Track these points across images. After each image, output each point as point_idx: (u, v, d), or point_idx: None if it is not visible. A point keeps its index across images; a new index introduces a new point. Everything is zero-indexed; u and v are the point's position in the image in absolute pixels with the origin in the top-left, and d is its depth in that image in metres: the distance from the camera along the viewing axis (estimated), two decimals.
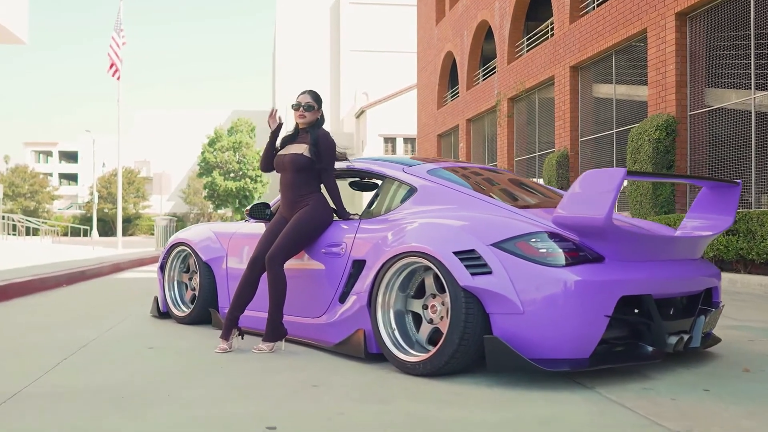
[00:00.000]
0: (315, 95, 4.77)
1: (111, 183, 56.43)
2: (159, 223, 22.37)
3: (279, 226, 4.60)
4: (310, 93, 4.76)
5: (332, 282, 4.43)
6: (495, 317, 3.55)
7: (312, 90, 4.81)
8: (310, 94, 4.74)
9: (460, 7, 25.34)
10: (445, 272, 3.65)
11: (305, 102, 4.69)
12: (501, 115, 21.24)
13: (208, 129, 59.73)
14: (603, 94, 15.91)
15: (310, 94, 4.76)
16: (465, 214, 3.98)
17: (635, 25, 13.70)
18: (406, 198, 4.42)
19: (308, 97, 4.73)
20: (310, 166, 4.59)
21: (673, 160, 12.35)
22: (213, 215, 57.70)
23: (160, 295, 6.01)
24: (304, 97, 4.74)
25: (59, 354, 4.31)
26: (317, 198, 4.60)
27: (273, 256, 4.41)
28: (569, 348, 3.47)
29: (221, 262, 5.40)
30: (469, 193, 4.22)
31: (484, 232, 3.70)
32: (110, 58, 19.07)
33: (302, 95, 4.75)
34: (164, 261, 5.99)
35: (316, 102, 4.73)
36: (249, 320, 4.85)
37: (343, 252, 4.39)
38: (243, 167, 52.30)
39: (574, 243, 3.61)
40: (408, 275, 3.99)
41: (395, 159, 4.84)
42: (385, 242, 4.07)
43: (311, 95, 4.74)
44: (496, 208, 4.05)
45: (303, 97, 4.74)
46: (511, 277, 3.52)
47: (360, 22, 63.18)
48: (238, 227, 5.46)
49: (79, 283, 10.05)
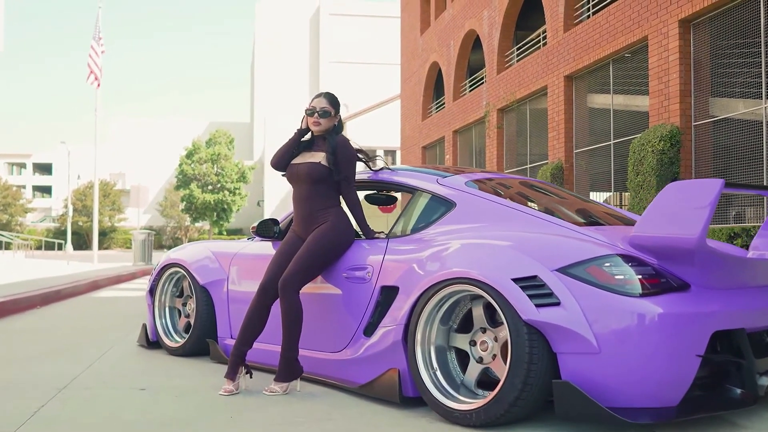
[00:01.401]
0: (332, 98, 4.15)
1: (86, 195, 55.27)
2: (137, 237, 21.58)
3: (293, 247, 3.99)
4: (327, 96, 4.15)
5: (355, 311, 3.82)
6: (564, 357, 2.97)
7: (329, 93, 4.19)
8: (326, 98, 4.13)
9: (447, 17, 24.90)
10: (502, 303, 3.07)
11: (320, 107, 4.08)
12: (490, 127, 20.75)
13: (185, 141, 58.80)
14: (599, 104, 15.47)
15: (327, 97, 4.14)
16: (518, 233, 3.40)
17: (635, 33, 13.26)
18: (443, 214, 3.82)
19: (324, 101, 4.11)
20: (329, 176, 3.99)
21: (677, 172, 11.89)
22: (190, 228, 56.67)
23: (149, 323, 5.36)
24: (319, 101, 4.12)
25: (34, 400, 3.65)
26: (337, 213, 4.00)
27: (287, 282, 3.80)
28: (654, 395, 2.89)
29: (221, 286, 4.76)
30: (518, 208, 3.64)
31: (547, 254, 3.13)
32: (89, 67, 18.34)
33: (317, 99, 4.13)
34: (154, 284, 5.34)
35: (332, 107, 4.12)
36: (257, 354, 4.22)
37: (369, 277, 3.79)
38: (221, 179, 51.39)
39: (654, 268, 3.04)
40: (451, 305, 3.40)
41: (424, 169, 4.24)
42: (423, 266, 3.48)
43: (327, 98, 4.13)
44: (553, 225, 3.47)
45: (318, 101, 4.12)
46: (583, 309, 2.95)
47: (340, 33, 62.71)
48: (241, 246, 4.82)
49: (54, 304, 9.33)
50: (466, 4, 22.94)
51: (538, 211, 3.66)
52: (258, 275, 4.41)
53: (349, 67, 62.43)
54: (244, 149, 65.15)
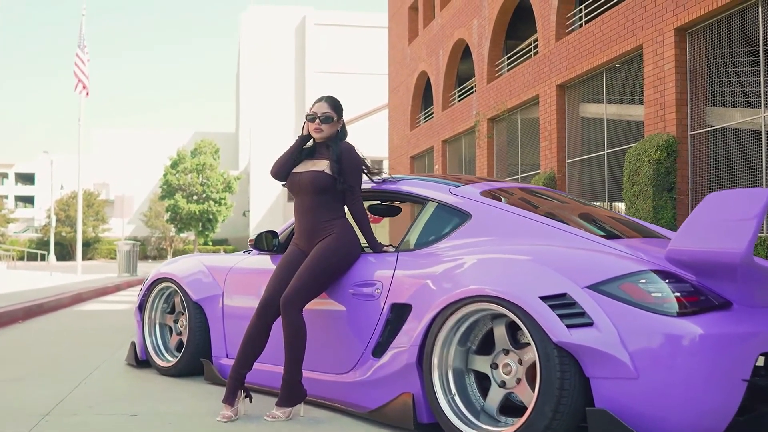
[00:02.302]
0: (334, 103, 3.88)
1: (69, 206, 54.60)
2: (122, 248, 21.22)
3: (295, 261, 3.72)
4: (328, 100, 3.87)
5: (363, 330, 3.56)
6: (599, 382, 2.72)
7: (330, 96, 3.92)
8: (328, 102, 3.85)
9: (435, 26, 24.75)
10: (530, 324, 2.82)
11: (322, 112, 3.80)
12: (480, 136, 20.57)
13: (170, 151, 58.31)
14: (592, 113, 15.31)
15: (329, 101, 3.86)
16: (541, 247, 3.15)
17: (629, 42, 13.11)
18: (457, 226, 3.56)
19: (326, 105, 3.83)
20: (333, 186, 3.72)
21: (674, 182, 11.73)
22: (175, 239, 56.07)
23: (138, 340, 5.06)
24: (320, 105, 3.84)
25: (15, 429, 3.36)
26: (342, 225, 3.73)
27: (289, 300, 3.53)
28: (696, 423, 2.65)
29: (216, 302, 4.48)
30: (539, 220, 3.39)
31: (576, 270, 2.88)
32: (76, 76, 18.01)
33: (318, 103, 3.85)
34: (144, 299, 5.05)
35: (335, 111, 3.85)
36: (257, 375, 3.94)
37: (378, 293, 3.53)
38: (206, 190, 50.94)
39: (692, 285, 2.81)
40: (470, 325, 3.15)
41: (434, 178, 3.99)
42: (439, 283, 3.22)
43: (330, 103, 3.85)
44: (578, 238, 3.22)
45: (319, 105, 3.84)
46: (619, 329, 2.70)
47: (326, 43, 62.52)
48: (238, 260, 4.54)
49: (36, 318, 9.00)
50: (455, 13, 22.79)
51: (560, 222, 3.42)
52: (256, 291, 4.16)
53: (334, 77, 62.24)
54: (229, 159, 64.73)
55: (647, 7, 12.54)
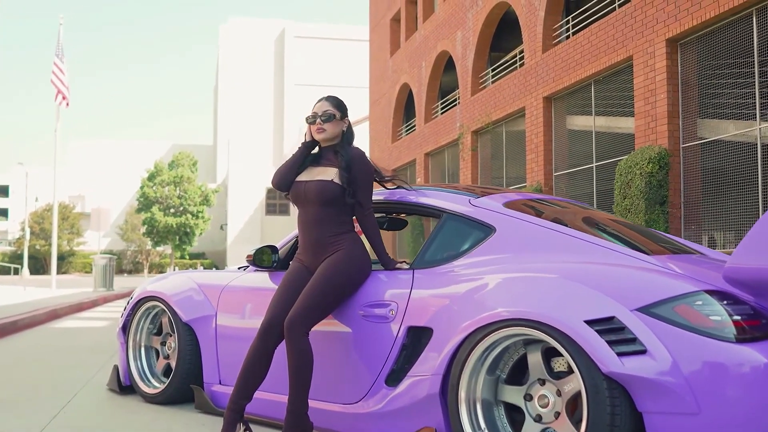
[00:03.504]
0: (336, 101, 3.57)
1: (44, 218, 53.59)
2: (98, 262, 20.67)
3: (299, 279, 3.39)
4: (329, 99, 3.57)
5: (375, 356, 3.23)
6: (653, 418, 2.42)
7: (332, 95, 3.62)
8: (328, 101, 3.55)
9: (418, 38, 24.56)
10: (575, 351, 2.51)
11: (323, 111, 3.49)
12: (464, 149, 20.34)
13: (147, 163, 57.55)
14: (580, 125, 15.12)
15: (330, 99, 3.56)
16: (580, 265, 2.84)
17: (619, 53, 12.95)
18: (480, 241, 3.24)
19: (326, 104, 3.53)
20: (343, 196, 3.40)
21: (666, 195, 11.53)
22: (152, 252, 55.21)
23: (122, 364, 4.68)
24: (320, 105, 3.54)
25: None
26: (351, 239, 3.41)
27: (295, 322, 3.19)
28: None
29: (208, 323, 4.11)
30: (571, 234, 3.09)
31: (623, 290, 2.58)
32: (55, 86, 17.51)
33: (318, 104, 3.55)
34: (128, 320, 4.67)
35: (337, 109, 3.54)
36: (258, 404, 3.57)
37: (393, 315, 3.20)
38: (184, 203, 50.24)
39: (752, 307, 2.52)
40: (500, 352, 2.83)
41: (449, 188, 3.67)
42: (465, 304, 2.90)
43: (330, 101, 3.55)
44: (619, 254, 2.92)
45: (319, 105, 3.54)
46: (676, 358, 2.40)
47: (305, 56, 62.21)
48: (232, 277, 4.18)
49: (10, 337, 8.56)
50: (438, 25, 22.62)
51: (594, 236, 3.11)
52: (254, 311, 3.82)
53: (313, 89, 61.89)
54: (207, 172, 64.06)
55: (637, 18, 12.39)
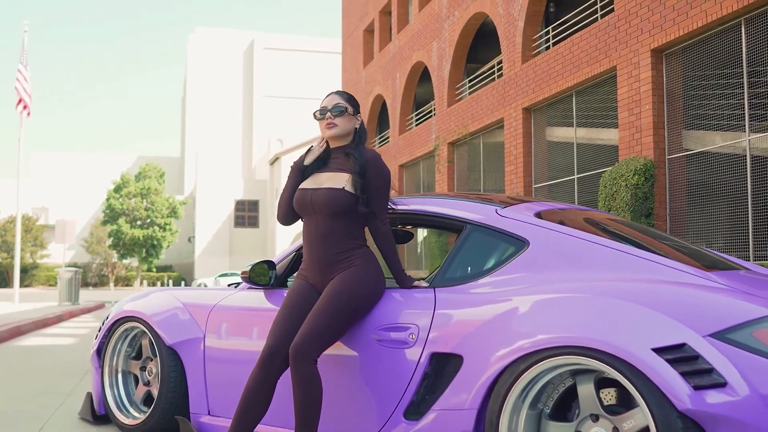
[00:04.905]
0: (347, 95, 3.21)
1: (6, 231, 52.22)
2: (63, 275, 20.02)
3: (305, 299, 3.00)
4: (340, 93, 3.21)
5: (391, 385, 2.85)
6: None
7: (342, 90, 3.26)
8: (339, 95, 3.19)
9: (392, 49, 24.29)
10: (642, 384, 2.16)
11: (334, 104, 3.13)
12: (440, 161, 20.06)
13: (112, 175, 56.57)
14: (561, 137, 14.91)
15: (340, 93, 3.20)
16: (635, 284, 2.48)
17: (602, 64, 12.76)
18: (511, 255, 2.86)
19: (338, 97, 3.17)
20: (355, 206, 3.03)
21: (651, 207, 11.32)
22: (118, 265, 54.09)
23: (96, 391, 4.23)
24: (331, 98, 3.17)
25: None
26: (364, 255, 3.03)
27: (302, 349, 2.80)
28: None
29: (196, 346, 3.68)
30: (617, 247, 2.73)
31: (692, 313, 2.24)
32: (18, 93, 16.90)
33: (328, 97, 3.19)
34: (103, 342, 4.22)
35: (349, 103, 3.16)
36: None
37: (413, 339, 2.82)
38: (151, 215, 49.38)
39: None
40: (545, 383, 2.47)
41: (469, 197, 3.31)
42: (502, 328, 2.53)
43: (341, 95, 3.19)
44: (676, 271, 2.57)
45: (330, 98, 3.17)
46: (762, 392, 2.06)
47: (274, 67, 61.74)
48: (223, 296, 3.75)
49: None
50: (413, 35, 22.37)
51: (644, 250, 2.75)
52: (248, 333, 3.43)
53: (283, 101, 61.50)
54: (174, 184, 63.13)
55: (621, 28, 12.21)
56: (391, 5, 24.72)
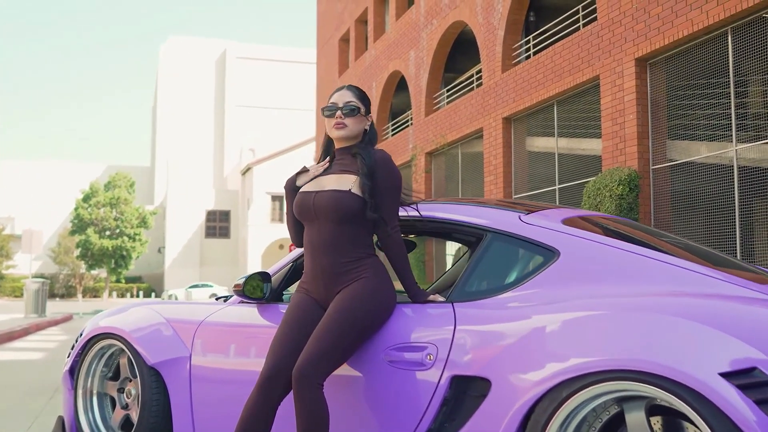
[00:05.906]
0: (360, 92, 2.90)
1: None
2: (29, 286, 19.44)
3: (308, 317, 2.69)
4: (351, 89, 2.89)
5: (406, 411, 2.55)
6: None
7: (353, 85, 2.93)
8: (351, 90, 2.87)
9: (368, 58, 24.07)
10: (711, 414, 1.88)
11: (345, 102, 2.82)
12: (417, 171, 19.83)
13: (81, 184, 55.63)
14: (542, 147, 14.74)
15: (352, 89, 2.88)
16: (689, 299, 2.21)
17: (585, 73, 12.61)
18: (540, 267, 2.56)
19: (349, 94, 2.84)
20: (363, 211, 2.72)
21: (636, 217, 11.15)
22: (86, 276, 53.04)
23: (68, 415, 3.86)
24: (342, 94, 2.85)
25: None
26: (373, 266, 2.72)
27: (306, 372, 2.48)
28: None
29: (181, 366, 3.35)
30: (661, 258, 2.45)
31: (757, 333, 1.98)
32: None
33: (339, 93, 2.86)
34: (76, 361, 3.87)
35: (361, 102, 2.86)
36: None
37: (431, 361, 2.52)
38: (120, 225, 48.55)
39: None
40: (589, 411, 2.18)
41: (485, 202, 3.02)
42: (536, 349, 2.25)
43: (353, 91, 2.87)
44: (728, 284, 2.31)
45: (341, 95, 2.85)
46: None
47: (247, 77, 61.25)
48: (211, 311, 3.41)
49: None
50: (390, 44, 22.17)
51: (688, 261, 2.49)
52: (240, 352, 3.12)
53: (255, 111, 61.02)
54: (145, 194, 62.25)
55: (605, 37, 12.07)
56: (368, 14, 24.51)
